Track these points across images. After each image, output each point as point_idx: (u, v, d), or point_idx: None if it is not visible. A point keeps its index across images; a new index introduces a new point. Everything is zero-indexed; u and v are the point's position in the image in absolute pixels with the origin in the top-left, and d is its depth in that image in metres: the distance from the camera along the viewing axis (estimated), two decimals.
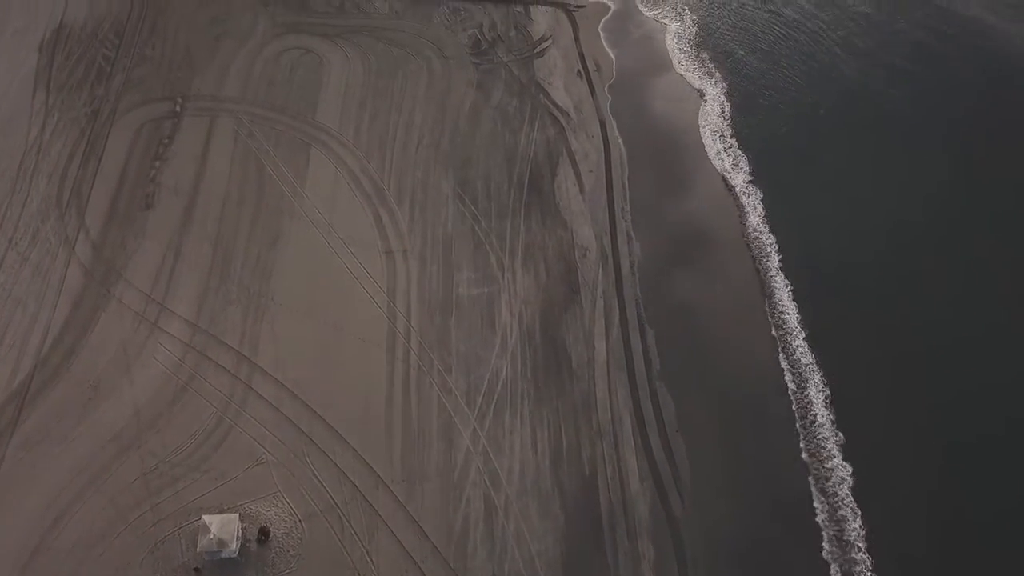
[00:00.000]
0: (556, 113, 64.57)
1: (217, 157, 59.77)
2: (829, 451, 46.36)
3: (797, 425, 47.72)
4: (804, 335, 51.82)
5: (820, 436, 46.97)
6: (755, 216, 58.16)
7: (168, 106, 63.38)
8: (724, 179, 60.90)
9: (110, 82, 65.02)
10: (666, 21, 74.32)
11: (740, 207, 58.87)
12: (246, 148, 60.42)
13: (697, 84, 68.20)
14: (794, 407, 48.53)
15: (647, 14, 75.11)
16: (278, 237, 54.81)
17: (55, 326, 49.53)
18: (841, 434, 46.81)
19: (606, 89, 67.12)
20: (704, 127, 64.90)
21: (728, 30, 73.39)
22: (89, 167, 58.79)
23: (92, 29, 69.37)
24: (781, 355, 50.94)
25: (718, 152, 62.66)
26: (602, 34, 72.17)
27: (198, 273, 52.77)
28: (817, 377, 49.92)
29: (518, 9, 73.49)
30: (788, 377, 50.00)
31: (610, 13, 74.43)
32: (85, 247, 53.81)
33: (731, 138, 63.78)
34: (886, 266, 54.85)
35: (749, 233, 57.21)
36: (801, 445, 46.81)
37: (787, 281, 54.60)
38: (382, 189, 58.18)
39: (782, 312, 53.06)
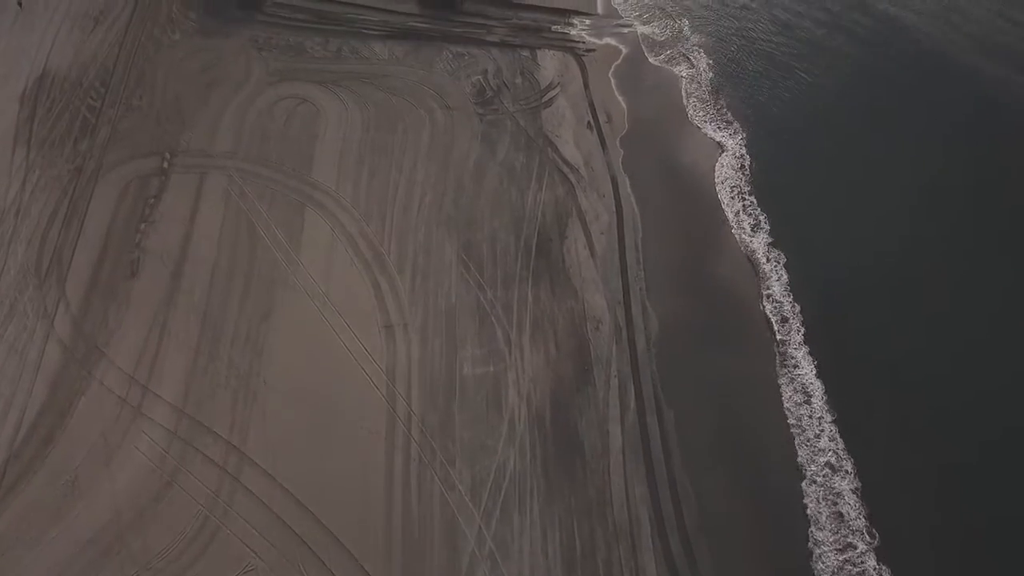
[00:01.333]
0: (565, 169, 62.51)
1: (206, 219, 57.67)
2: (861, 552, 43.91)
3: (827, 521, 45.27)
4: (832, 417, 49.55)
5: (852, 534, 44.53)
6: (777, 284, 55.97)
7: (156, 162, 61.39)
8: (744, 242, 58.74)
9: (95, 136, 63.05)
10: (680, 65, 72.48)
11: (762, 273, 56.67)
12: (237, 209, 58.32)
13: (714, 136, 66.26)
14: (824, 501, 46.11)
15: (660, 58, 73.21)
16: (270, 310, 52.60)
17: (31, 412, 47.29)
18: (877, 535, 44.37)
19: (618, 142, 65.13)
20: (722, 183, 62.89)
21: (746, 76, 71.60)
22: (71, 230, 56.70)
23: (77, 77, 67.48)
24: (807, 440, 48.54)
25: (737, 212, 60.59)
26: (613, 80, 70.24)
27: (185, 351, 50.54)
28: (848, 465, 47.67)
29: (524, 54, 71.60)
30: (815, 465, 47.66)
31: (621, 57, 72.55)
32: (64, 322, 51.63)
33: (750, 195, 61.70)
34: (924, 338, 52.54)
35: (772, 303, 54.97)
36: (833, 545, 44.32)
37: (812, 357, 52.32)
38: (381, 255, 56.03)
39: (808, 392, 50.77)
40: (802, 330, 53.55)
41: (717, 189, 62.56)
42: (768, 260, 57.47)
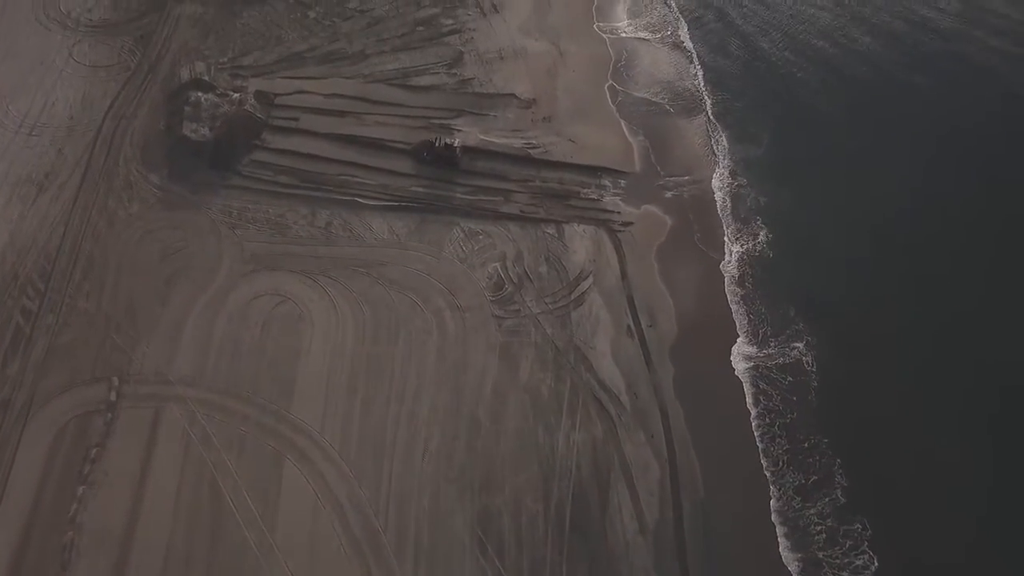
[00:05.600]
0: (603, 397, 54.20)
1: (160, 478, 49.62)
2: None
3: None
4: None
5: None
6: None
7: (101, 391, 53.40)
8: (817, 506, 50.21)
9: (29, 352, 55.08)
10: (738, 241, 64.02)
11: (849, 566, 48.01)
12: (199, 463, 50.13)
13: (775, 346, 57.70)
14: None
15: (713, 232, 64.64)
16: None
17: None
18: None
19: (666, 355, 56.84)
20: (790, 419, 54.23)
21: (818, 254, 63.07)
22: None
23: (11, 268, 59.72)
24: None
25: (803, 458, 52.23)
26: (656, 266, 61.98)
27: None
28: None
29: (549, 231, 63.50)
30: None
31: (665, 233, 64.31)
32: None
33: (823, 435, 53.20)
34: None
35: None
36: None
37: None
38: (376, 532, 47.68)
39: None
40: None
41: (783, 424, 54.06)
42: (847, 543, 48.79)
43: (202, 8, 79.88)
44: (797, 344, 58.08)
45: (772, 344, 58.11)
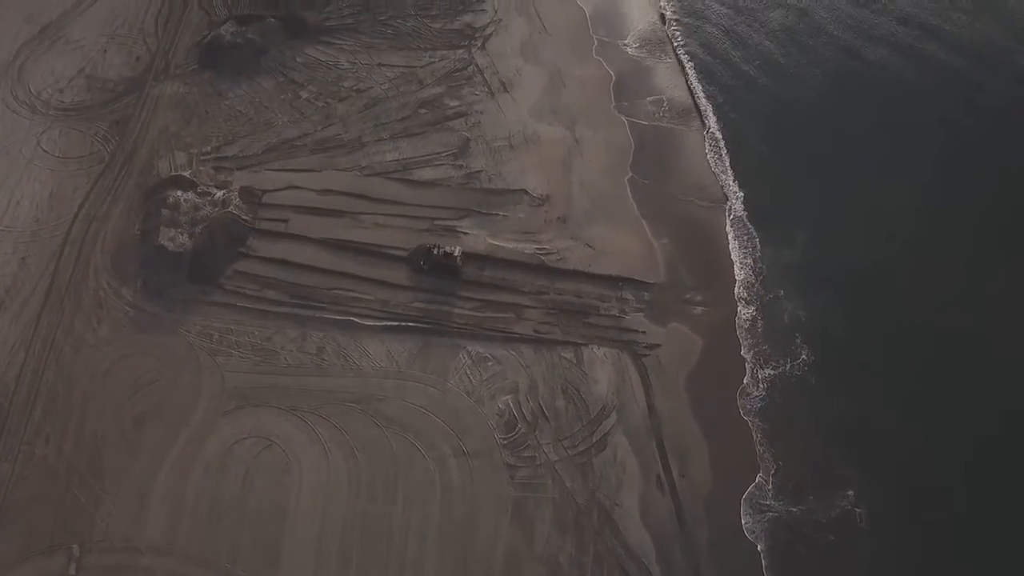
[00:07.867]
0: (631, 568, 49.38)
1: None
2: None
3: None
4: None
5: None
6: None
7: (60, 564, 48.46)
8: None
9: None
10: (772, 363, 58.73)
11: None
12: None
13: (813, 499, 52.49)
14: None
15: (746, 352, 59.37)
16: None
17: None
18: None
19: (702, 510, 51.56)
20: None
21: (872, 381, 58.06)
22: None
23: None
24: None
25: None
26: (687, 397, 56.72)
27: None
28: None
29: (566, 355, 58.15)
30: None
31: (697, 356, 59.00)
32: None
33: None
34: None
35: None
36: None
37: None
38: None
39: None
40: None
41: None
42: None
43: (184, 88, 74.79)
44: (847, 492, 52.64)
45: (812, 497, 52.61)
